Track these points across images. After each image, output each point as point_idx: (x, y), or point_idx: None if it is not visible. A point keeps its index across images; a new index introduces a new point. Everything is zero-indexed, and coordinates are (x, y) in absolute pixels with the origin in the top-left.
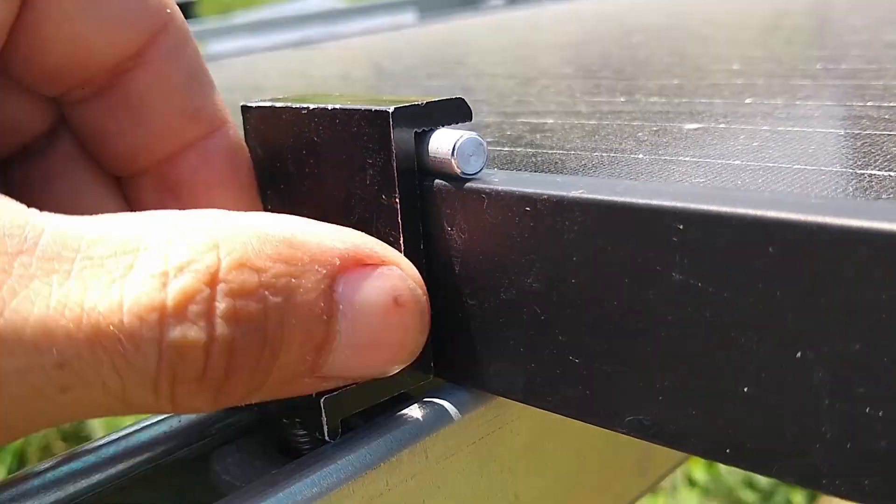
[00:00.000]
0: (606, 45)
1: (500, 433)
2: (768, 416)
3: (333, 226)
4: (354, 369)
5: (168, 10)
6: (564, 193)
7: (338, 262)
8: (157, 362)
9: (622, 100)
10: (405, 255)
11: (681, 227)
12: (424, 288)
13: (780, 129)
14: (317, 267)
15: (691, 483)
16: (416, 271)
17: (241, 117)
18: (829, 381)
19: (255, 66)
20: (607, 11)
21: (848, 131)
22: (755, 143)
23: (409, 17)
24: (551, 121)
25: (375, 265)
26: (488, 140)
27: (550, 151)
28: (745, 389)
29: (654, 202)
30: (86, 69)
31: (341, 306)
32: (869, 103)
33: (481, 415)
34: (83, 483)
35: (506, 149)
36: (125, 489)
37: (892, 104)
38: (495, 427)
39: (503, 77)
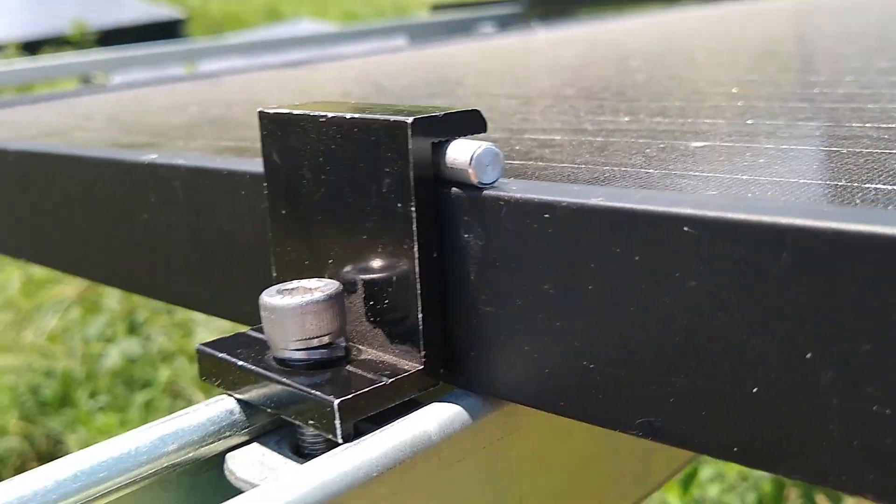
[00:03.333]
0: (604, 70)
1: (509, 439)
2: (777, 416)
3: None
4: None
5: None
6: (584, 201)
7: None
8: None
9: (626, 119)
10: (419, 262)
11: (698, 234)
12: None
13: (783, 147)
14: None
15: None
16: None
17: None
18: (837, 381)
19: (252, 83)
20: (601, 38)
21: (850, 150)
22: (761, 160)
23: (399, 42)
24: (558, 137)
25: None
26: None
27: (561, 165)
28: (755, 390)
29: (672, 210)
30: None
31: None
32: (868, 125)
33: (492, 420)
34: (93, 486)
35: (517, 162)
36: (137, 491)
37: (890, 125)
38: (505, 433)
39: (504, 97)
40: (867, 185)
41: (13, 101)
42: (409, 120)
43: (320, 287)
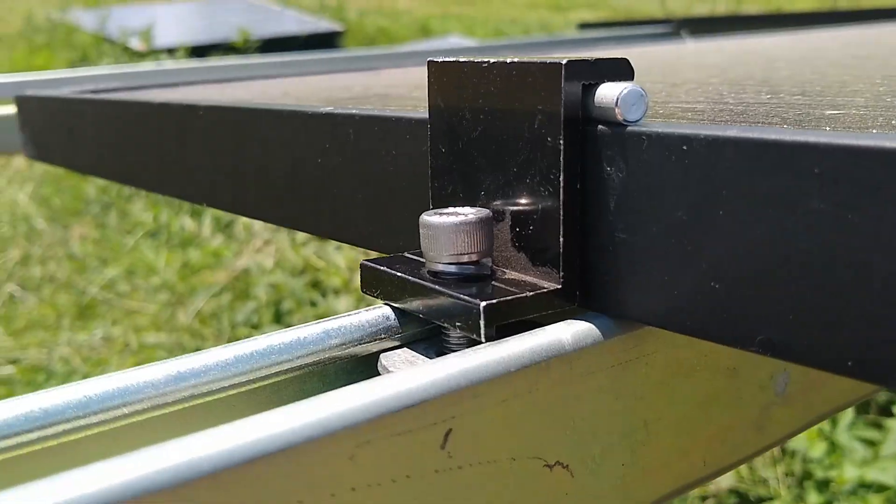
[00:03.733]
0: (749, 68)
1: (636, 363)
2: (891, 331)
3: None
4: None
5: None
6: (720, 133)
7: None
8: None
9: (767, 97)
10: (564, 192)
11: (823, 159)
12: None
13: None
14: None
15: None
16: None
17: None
18: None
19: (408, 74)
20: (747, 47)
21: None
22: (894, 122)
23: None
24: (701, 107)
25: None
26: None
27: (702, 123)
28: (871, 306)
29: (800, 138)
30: None
31: None
32: None
33: (622, 342)
34: (264, 368)
35: (659, 120)
36: (299, 377)
37: None
38: (633, 356)
39: (650, 83)
40: None
41: (194, 81)
42: (564, 62)
43: (472, 212)
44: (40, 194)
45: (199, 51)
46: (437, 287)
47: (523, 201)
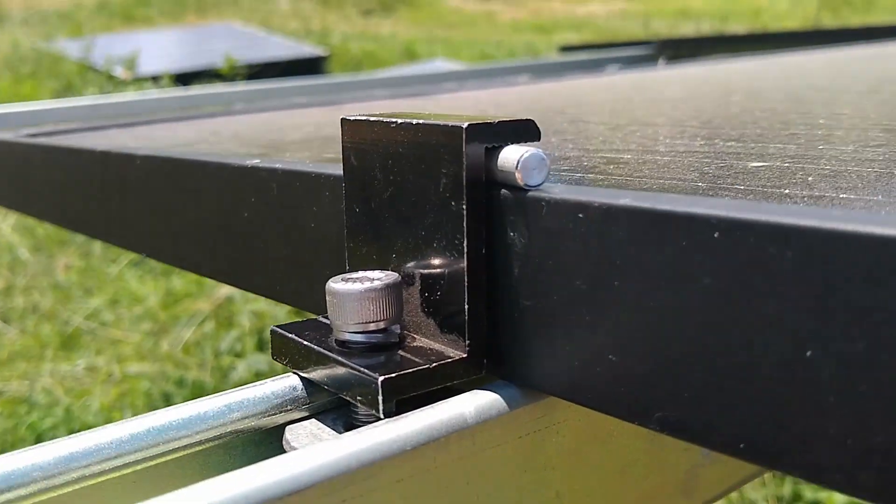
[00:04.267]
0: (703, 102)
1: (546, 432)
2: (779, 413)
3: None
4: None
5: None
6: (613, 201)
7: None
8: None
9: (700, 143)
10: (468, 257)
11: (715, 234)
12: None
13: (840, 169)
14: None
15: None
16: None
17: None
18: (834, 379)
19: (372, 110)
20: (716, 76)
21: None
22: (810, 178)
23: (524, 80)
24: (628, 156)
25: None
26: (564, 169)
27: (618, 178)
28: (759, 387)
29: (691, 210)
30: None
31: None
32: None
33: (529, 412)
34: (163, 443)
35: (577, 175)
36: (203, 452)
37: None
38: (542, 426)
39: (595, 123)
40: None
41: (153, 119)
42: (465, 125)
43: (381, 277)
44: (24, 224)
45: (183, 78)
46: (340, 359)
47: (432, 265)
